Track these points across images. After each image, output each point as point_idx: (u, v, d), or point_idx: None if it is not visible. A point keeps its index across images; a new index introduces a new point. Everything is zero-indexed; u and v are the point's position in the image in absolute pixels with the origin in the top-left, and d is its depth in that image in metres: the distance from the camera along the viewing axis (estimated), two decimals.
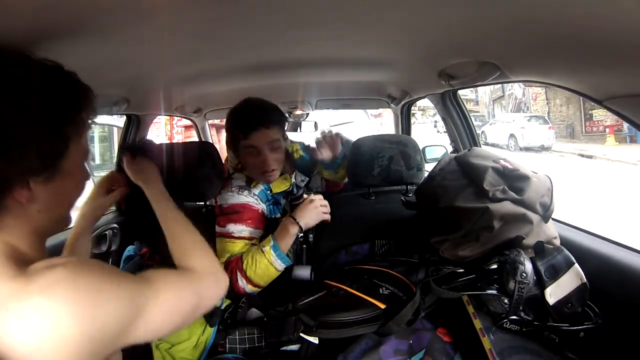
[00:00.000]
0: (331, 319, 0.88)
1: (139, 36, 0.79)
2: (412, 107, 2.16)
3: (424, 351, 0.82)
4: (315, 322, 0.88)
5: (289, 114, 2.38)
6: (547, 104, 14.40)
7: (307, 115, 2.46)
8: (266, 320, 1.01)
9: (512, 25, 0.70)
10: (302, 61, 1.22)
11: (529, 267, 0.79)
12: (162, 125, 6.73)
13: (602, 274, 0.87)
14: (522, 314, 0.79)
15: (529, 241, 0.85)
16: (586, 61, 0.73)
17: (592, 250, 0.96)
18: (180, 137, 6.49)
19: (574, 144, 11.79)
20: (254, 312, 1.06)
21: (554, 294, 0.78)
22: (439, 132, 13.66)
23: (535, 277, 0.79)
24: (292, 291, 1.58)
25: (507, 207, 0.86)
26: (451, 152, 1.71)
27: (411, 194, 1.30)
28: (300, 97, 2.10)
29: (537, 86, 13.51)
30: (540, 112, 13.99)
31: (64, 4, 0.57)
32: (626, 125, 9.33)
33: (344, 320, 0.87)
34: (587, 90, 0.82)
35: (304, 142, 1.50)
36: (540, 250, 0.83)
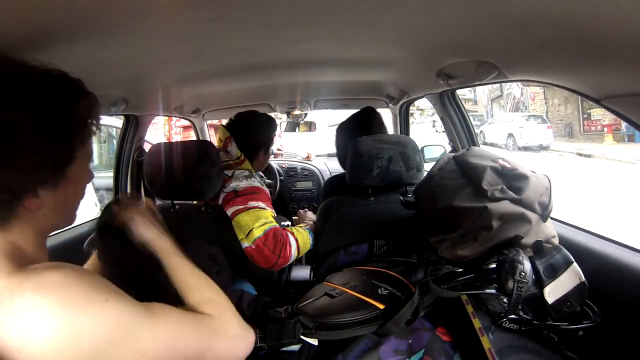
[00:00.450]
0: (330, 320, 0.88)
1: (137, 36, 0.79)
2: (411, 107, 2.17)
3: (423, 351, 0.82)
4: (314, 324, 0.88)
5: (288, 114, 2.38)
6: (546, 103, 14.44)
7: (306, 115, 2.46)
8: (266, 320, 1.01)
9: (510, 24, 0.70)
10: (301, 61, 1.22)
11: (527, 266, 0.79)
12: (160, 125, 6.74)
13: (601, 273, 0.87)
14: (521, 313, 0.79)
15: (528, 240, 0.85)
16: (584, 60, 0.73)
17: (591, 249, 0.96)
18: (179, 137, 6.50)
19: (573, 143, 11.81)
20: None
21: (553, 293, 0.78)
22: (437, 131, 13.67)
23: (534, 276, 0.79)
24: (292, 291, 1.59)
25: (505, 206, 0.86)
26: (450, 152, 1.71)
27: (410, 194, 1.30)
28: (298, 97, 2.10)
29: (536, 86, 13.54)
30: (538, 111, 14.01)
31: (63, 4, 0.57)
32: (624, 124, 9.35)
33: (343, 321, 0.86)
34: (585, 89, 0.82)
35: None
36: (539, 249, 0.83)
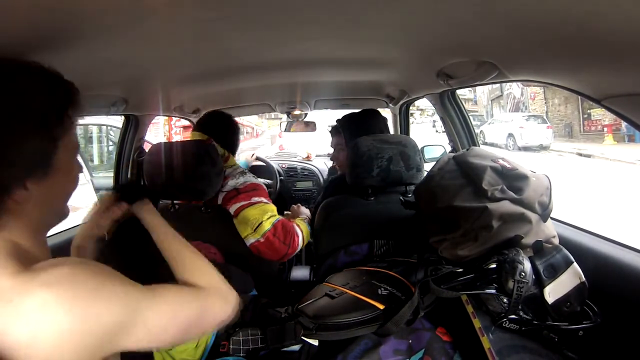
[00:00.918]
0: (330, 321, 0.88)
1: (137, 36, 0.79)
2: (411, 107, 2.17)
3: (423, 351, 0.82)
4: (314, 324, 0.88)
5: (288, 114, 2.38)
6: (546, 103, 14.43)
7: (306, 115, 2.46)
8: (266, 320, 1.01)
9: (510, 24, 0.70)
10: (301, 61, 1.22)
11: (527, 266, 0.79)
12: (160, 125, 6.75)
13: (601, 273, 0.87)
14: (521, 313, 0.79)
15: (528, 240, 0.85)
16: (585, 60, 0.73)
17: (591, 249, 0.96)
18: (179, 137, 6.52)
19: (573, 143, 11.80)
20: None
21: (553, 293, 0.78)
22: (437, 131, 13.68)
23: (534, 276, 0.79)
24: (292, 291, 1.59)
25: (505, 206, 0.86)
26: (450, 152, 1.71)
27: (410, 194, 1.30)
28: (298, 97, 2.10)
29: (536, 86, 13.53)
30: (538, 111, 14.00)
31: (63, 4, 0.57)
32: (624, 124, 9.35)
33: (342, 322, 0.86)
34: (585, 89, 0.82)
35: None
36: (539, 249, 0.83)
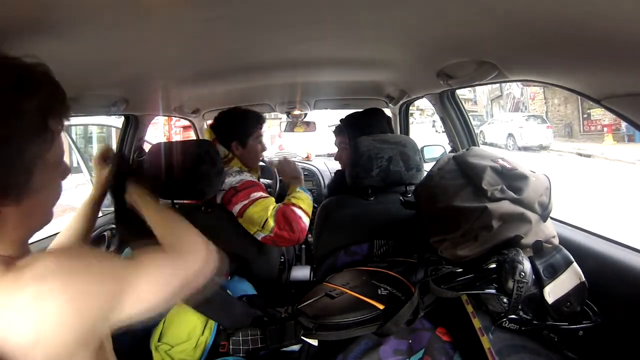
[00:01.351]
0: (330, 321, 0.88)
1: (137, 36, 0.79)
2: (411, 107, 2.17)
3: (423, 351, 0.82)
4: (314, 324, 0.88)
5: (288, 114, 2.38)
6: (545, 103, 14.42)
7: (306, 115, 2.46)
8: (266, 320, 1.01)
9: (510, 24, 0.70)
10: (300, 61, 1.22)
11: (527, 266, 0.79)
12: (160, 125, 6.75)
13: (601, 273, 0.87)
14: (521, 313, 0.79)
15: (528, 240, 0.85)
16: (584, 60, 0.73)
17: (591, 249, 0.96)
18: (178, 137, 6.53)
19: (572, 143, 11.79)
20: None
21: (553, 292, 0.78)
22: (437, 131, 13.66)
23: (534, 276, 0.79)
24: (292, 291, 1.59)
25: (505, 206, 0.86)
26: (449, 152, 1.71)
27: (410, 194, 1.30)
28: (298, 97, 2.10)
29: (536, 86, 13.53)
30: (538, 111, 13.99)
31: (63, 4, 0.57)
32: (624, 124, 9.34)
33: (342, 322, 0.86)
34: (585, 89, 0.81)
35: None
36: (538, 249, 0.83)
